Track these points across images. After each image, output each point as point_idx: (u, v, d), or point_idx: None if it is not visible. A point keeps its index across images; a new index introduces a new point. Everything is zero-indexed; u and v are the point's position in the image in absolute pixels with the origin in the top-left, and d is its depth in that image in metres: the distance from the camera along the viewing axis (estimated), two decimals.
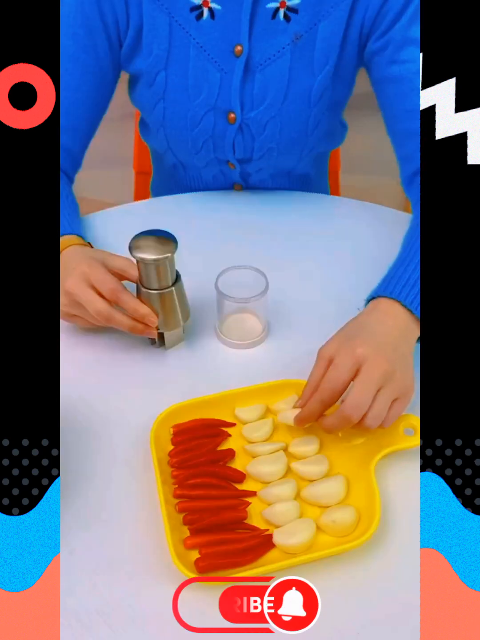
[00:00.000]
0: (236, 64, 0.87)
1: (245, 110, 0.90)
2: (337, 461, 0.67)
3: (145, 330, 0.75)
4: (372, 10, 0.84)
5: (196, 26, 0.86)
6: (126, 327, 0.74)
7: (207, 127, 0.92)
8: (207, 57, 0.87)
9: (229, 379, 0.74)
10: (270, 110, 0.90)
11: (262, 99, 0.89)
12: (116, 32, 0.87)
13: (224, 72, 0.88)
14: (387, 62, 0.86)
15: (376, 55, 0.87)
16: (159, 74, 0.89)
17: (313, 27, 0.85)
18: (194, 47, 0.87)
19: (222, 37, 0.86)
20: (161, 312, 0.74)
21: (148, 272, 0.71)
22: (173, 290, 0.73)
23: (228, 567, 0.58)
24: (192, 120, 0.91)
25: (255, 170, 1.00)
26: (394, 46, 0.84)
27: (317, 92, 0.89)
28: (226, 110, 0.90)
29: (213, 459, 0.67)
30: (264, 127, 0.91)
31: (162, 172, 1.12)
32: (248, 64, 0.87)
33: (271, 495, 0.63)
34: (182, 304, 0.76)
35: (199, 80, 0.88)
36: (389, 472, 0.66)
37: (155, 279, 0.72)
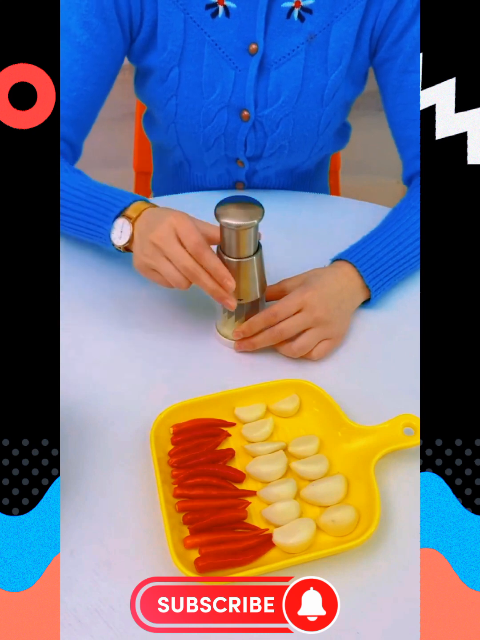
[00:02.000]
0: (251, 62, 0.88)
1: (259, 108, 0.91)
2: (337, 461, 0.67)
3: (225, 297, 0.72)
4: (383, 16, 0.86)
5: (211, 24, 0.86)
6: (209, 289, 0.71)
7: (220, 124, 0.92)
8: (222, 55, 0.88)
9: (228, 379, 0.74)
10: (285, 108, 0.91)
11: (276, 97, 0.90)
12: (129, 25, 0.87)
13: (239, 70, 0.88)
14: (398, 72, 0.89)
15: (387, 63, 0.89)
16: (172, 70, 0.89)
17: (327, 27, 0.86)
18: (208, 45, 0.87)
19: (237, 35, 0.87)
20: (242, 281, 0.73)
21: (232, 239, 0.70)
22: (254, 259, 0.73)
23: (228, 566, 0.58)
24: (205, 117, 0.92)
25: (263, 167, 1.00)
26: (405, 56, 0.87)
27: (330, 91, 0.90)
28: (240, 108, 0.91)
29: (213, 458, 0.67)
30: (277, 124, 0.92)
31: (165, 170, 1.12)
32: (263, 62, 0.88)
33: (271, 494, 0.63)
34: (261, 274, 0.75)
35: (213, 77, 0.89)
36: (389, 472, 0.66)
37: (239, 247, 0.70)
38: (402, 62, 0.88)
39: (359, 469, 0.65)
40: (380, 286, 0.82)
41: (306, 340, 0.75)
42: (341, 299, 0.78)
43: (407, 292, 0.85)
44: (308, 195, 1.04)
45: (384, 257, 0.82)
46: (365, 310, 0.84)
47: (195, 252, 0.70)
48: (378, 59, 0.91)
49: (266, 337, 0.76)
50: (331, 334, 0.77)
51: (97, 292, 0.86)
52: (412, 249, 0.83)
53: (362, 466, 0.64)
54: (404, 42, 0.87)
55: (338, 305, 0.77)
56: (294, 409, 0.71)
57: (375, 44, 0.90)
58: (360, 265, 0.81)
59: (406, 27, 0.86)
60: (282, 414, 0.71)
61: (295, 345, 0.75)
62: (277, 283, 0.81)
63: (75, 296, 0.85)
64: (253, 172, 1.01)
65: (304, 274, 0.81)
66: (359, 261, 0.81)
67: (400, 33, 0.87)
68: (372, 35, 0.88)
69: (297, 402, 0.71)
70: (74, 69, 0.86)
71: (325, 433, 0.69)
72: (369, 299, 0.83)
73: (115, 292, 0.86)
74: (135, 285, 0.86)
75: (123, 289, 0.86)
